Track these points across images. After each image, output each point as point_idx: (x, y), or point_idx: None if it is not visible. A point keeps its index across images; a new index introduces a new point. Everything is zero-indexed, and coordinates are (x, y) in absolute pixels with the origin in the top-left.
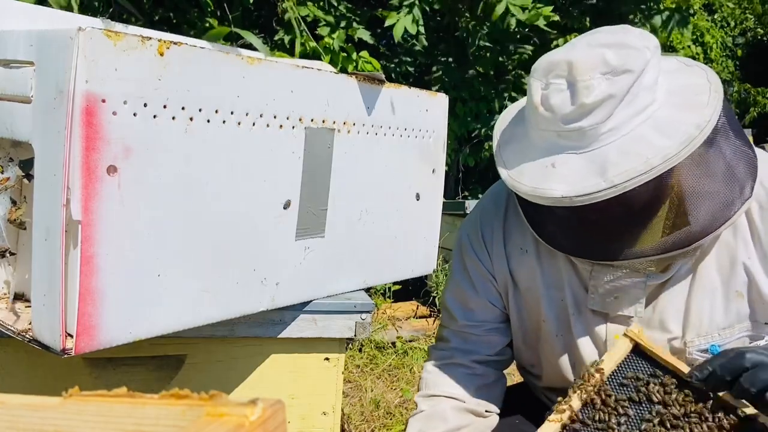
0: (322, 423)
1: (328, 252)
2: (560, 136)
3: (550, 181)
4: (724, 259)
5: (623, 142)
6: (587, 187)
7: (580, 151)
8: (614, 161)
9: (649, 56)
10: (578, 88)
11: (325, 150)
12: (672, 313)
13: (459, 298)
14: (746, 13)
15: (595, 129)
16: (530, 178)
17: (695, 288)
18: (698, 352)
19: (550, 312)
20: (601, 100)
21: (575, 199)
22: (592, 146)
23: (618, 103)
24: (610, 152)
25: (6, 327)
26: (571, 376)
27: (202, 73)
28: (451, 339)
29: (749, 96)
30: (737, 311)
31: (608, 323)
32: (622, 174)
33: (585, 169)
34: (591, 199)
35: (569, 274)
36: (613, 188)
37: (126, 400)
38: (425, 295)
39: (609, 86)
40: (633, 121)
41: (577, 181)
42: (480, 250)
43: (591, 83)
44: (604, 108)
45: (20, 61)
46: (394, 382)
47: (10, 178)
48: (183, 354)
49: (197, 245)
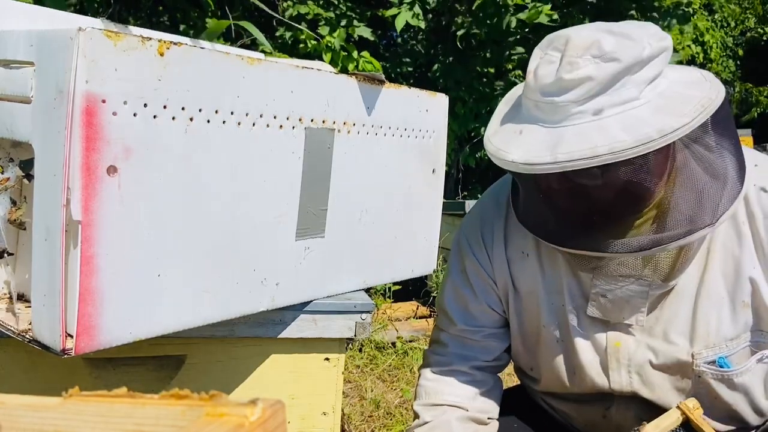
0: (322, 423)
1: (328, 252)
2: (537, 107)
3: (511, 146)
4: (729, 270)
5: (585, 128)
6: (533, 157)
7: (547, 125)
8: (567, 141)
9: (645, 53)
10: (563, 63)
11: (325, 150)
12: (677, 324)
13: (458, 302)
14: (747, 14)
15: (567, 107)
16: (498, 140)
17: (701, 299)
18: (705, 364)
19: (550, 317)
20: (580, 79)
21: (520, 165)
22: (561, 123)
23: (596, 87)
24: (568, 132)
25: (6, 327)
26: (569, 383)
27: (202, 73)
28: (449, 343)
29: (750, 96)
30: (744, 322)
31: (608, 331)
32: (566, 154)
33: (543, 143)
34: (531, 169)
35: (570, 280)
36: (553, 164)
37: (126, 400)
38: (425, 296)
39: (593, 69)
40: (607, 111)
41: (531, 150)
42: (480, 253)
43: (577, 61)
44: (581, 88)
45: (20, 61)
46: (394, 382)
47: (10, 178)
48: (183, 354)
49: (197, 245)
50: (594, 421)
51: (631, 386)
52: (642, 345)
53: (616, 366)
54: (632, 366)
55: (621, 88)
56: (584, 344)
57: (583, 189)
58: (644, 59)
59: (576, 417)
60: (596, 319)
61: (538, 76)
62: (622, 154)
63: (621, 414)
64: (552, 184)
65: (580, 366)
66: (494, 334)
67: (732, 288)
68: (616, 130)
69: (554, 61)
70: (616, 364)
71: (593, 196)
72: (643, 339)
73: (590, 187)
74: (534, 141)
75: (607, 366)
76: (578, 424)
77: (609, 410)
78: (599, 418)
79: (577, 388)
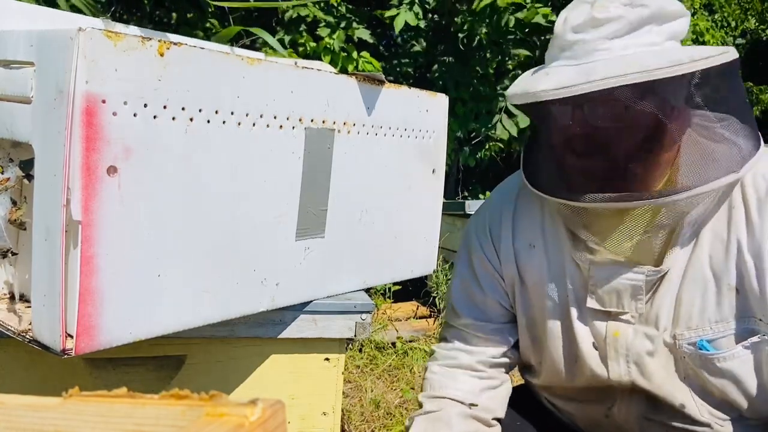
0: (322, 423)
1: (328, 252)
2: (565, 49)
3: (538, 83)
4: (717, 252)
5: (615, 60)
6: (567, 81)
7: (574, 63)
8: (598, 70)
9: (671, 7)
10: (596, 6)
11: (325, 150)
12: (664, 307)
13: (465, 296)
14: (747, 14)
15: (595, 43)
16: (524, 83)
17: (686, 280)
18: (687, 345)
19: (553, 308)
20: (611, 18)
21: (551, 92)
22: (588, 59)
23: (626, 27)
24: (599, 65)
25: (6, 327)
26: (570, 374)
27: (202, 73)
28: (455, 338)
29: (751, 94)
30: (730, 306)
31: (609, 321)
32: (602, 74)
33: (575, 74)
34: (567, 92)
35: (572, 270)
36: (588, 84)
37: (126, 400)
38: (425, 296)
39: (624, 11)
40: (634, 49)
41: (562, 80)
42: (487, 246)
43: (608, 5)
44: (611, 25)
45: (20, 61)
46: (394, 382)
47: (10, 179)
48: (183, 354)
49: (197, 245)
50: (597, 420)
51: (629, 376)
52: (640, 334)
53: (614, 356)
54: (630, 355)
55: (647, 34)
56: (584, 334)
57: (604, 131)
58: (669, 12)
59: (579, 416)
60: (597, 310)
61: (568, 19)
62: (654, 73)
63: (623, 413)
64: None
65: (580, 355)
66: (500, 329)
67: (719, 271)
68: (646, 57)
69: (586, 5)
70: (615, 353)
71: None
72: (641, 328)
73: (610, 128)
74: (564, 74)
75: (606, 356)
76: (581, 424)
77: (611, 409)
78: (602, 418)
79: (577, 381)
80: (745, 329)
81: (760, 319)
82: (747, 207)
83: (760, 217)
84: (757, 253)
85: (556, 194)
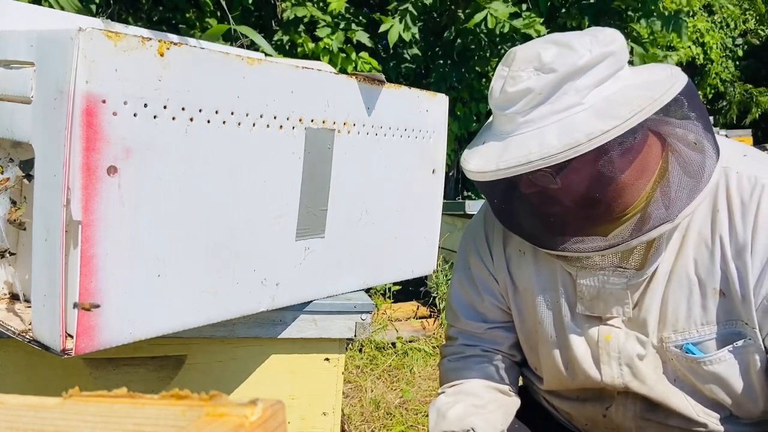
0: (322, 423)
1: (328, 252)
2: (495, 120)
3: (472, 156)
4: (702, 255)
5: (528, 136)
6: (482, 167)
7: (501, 136)
8: (510, 149)
9: (582, 61)
10: (508, 78)
11: (325, 150)
12: (652, 311)
13: (463, 298)
14: (747, 15)
15: (514, 118)
16: (468, 152)
17: (672, 283)
18: (674, 348)
19: (545, 314)
20: (521, 92)
21: (470, 173)
22: (510, 134)
23: (537, 98)
24: (513, 142)
25: (6, 327)
26: (566, 378)
27: (203, 73)
28: (458, 337)
29: (751, 97)
30: (716, 309)
31: (600, 325)
32: (505, 162)
33: (494, 152)
34: (481, 177)
35: (563, 276)
36: (495, 172)
37: (126, 400)
38: (425, 296)
39: (534, 81)
40: (548, 119)
41: (481, 160)
42: (483, 251)
43: (520, 75)
44: (523, 100)
45: (20, 61)
46: (394, 382)
47: (10, 179)
48: (183, 354)
49: (197, 245)
50: (594, 420)
51: (622, 379)
52: (631, 337)
53: (606, 359)
54: (622, 358)
55: (563, 96)
56: (578, 339)
57: (543, 191)
58: (581, 67)
59: (577, 417)
60: (588, 315)
61: (492, 91)
62: (551, 159)
63: (621, 413)
64: (518, 187)
65: (575, 360)
66: (500, 328)
67: (704, 274)
68: (551, 137)
69: (503, 76)
70: (607, 357)
71: (555, 198)
72: (631, 331)
73: (549, 189)
74: (488, 151)
75: (599, 359)
76: (579, 424)
77: (609, 410)
78: (599, 418)
79: (574, 384)
80: (731, 332)
81: (745, 322)
82: (731, 210)
83: (744, 220)
84: (741, 256)
85: (533, 241)
